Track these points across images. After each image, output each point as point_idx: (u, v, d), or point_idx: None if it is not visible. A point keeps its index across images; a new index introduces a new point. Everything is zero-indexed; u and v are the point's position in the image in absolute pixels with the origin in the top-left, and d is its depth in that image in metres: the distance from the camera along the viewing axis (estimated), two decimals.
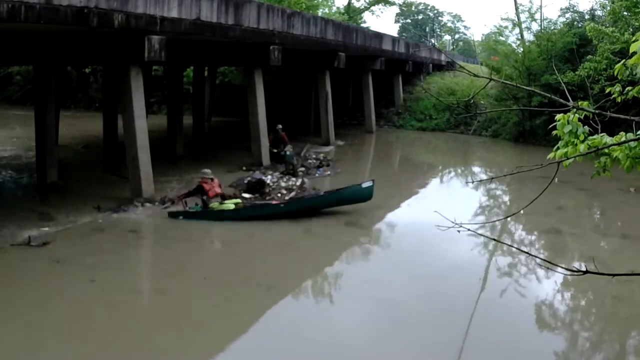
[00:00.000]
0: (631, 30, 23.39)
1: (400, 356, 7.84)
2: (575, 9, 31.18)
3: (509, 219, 14.00)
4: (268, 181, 17.00)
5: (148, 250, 12.78)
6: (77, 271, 10.26)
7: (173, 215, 13.52)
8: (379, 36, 30.85)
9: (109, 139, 20.52)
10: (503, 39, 35.34)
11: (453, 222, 3.78)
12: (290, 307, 9.51)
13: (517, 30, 34.59)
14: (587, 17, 30.18)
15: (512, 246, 12.30)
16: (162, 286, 10.18)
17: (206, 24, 15.76)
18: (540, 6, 47.77)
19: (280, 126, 22.48)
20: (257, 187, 16.25)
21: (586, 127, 4.19)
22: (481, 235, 9.95)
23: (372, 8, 50.44)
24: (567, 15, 31.56)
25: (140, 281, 10.96)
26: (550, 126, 4.40)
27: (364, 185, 14.21)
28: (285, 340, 8.17)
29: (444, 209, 4.44)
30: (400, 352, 7.92)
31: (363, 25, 47.59)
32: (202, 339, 8.02)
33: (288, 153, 21.31)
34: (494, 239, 5.51)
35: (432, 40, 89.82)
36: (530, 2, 38.45)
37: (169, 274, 10.51)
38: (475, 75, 4.68)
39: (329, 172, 20.10)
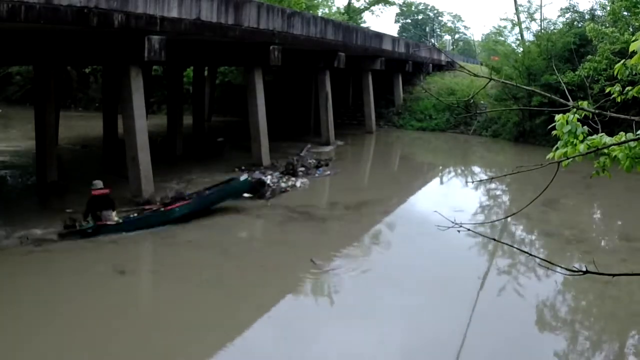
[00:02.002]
0: (631, 30, 23.40)
1: (399, 355, 7.84)
2: (575, 9, 31.21)
3: (509, 219, 13.99)
4: (268, 181, 17.00)
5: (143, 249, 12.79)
6: (76, 271, 10.27)
7: (67, 235, 12.00)
8: (379, 36, 30.85)
9: (109, 139, 20.54)
10: (503, 39, 35.36)
11: (453, 222, 3.78)
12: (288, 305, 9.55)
13: (516, 30, 34.66)
14: (587, 17, 30.19)
15: (512, 246, 12.28)
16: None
17: (206, 24, 15.76)
18: (540, 6, 47.66)
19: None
20: (257, 187, 16.25)
21: (585, 127, 4.19)
22: (481, 235, 9.95)
23: (372, 8, 50.54)
24: (567, 15, 31.59)
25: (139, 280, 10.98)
26: (550, 126, 4.40)
27: (242, 178, 14.98)
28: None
29: (444, 208, 4.44)
30: (399, 352, 7.92)
31: (363, 25, 47.61)
32: None
33: None
34: (494, 239, 5.50)
35: (432, 40, 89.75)
36: (530, 2, 38.52)
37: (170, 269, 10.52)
38: (475, 75, 4.68)
39: (328, 172, 20.11)
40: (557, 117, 4.26)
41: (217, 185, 15.03)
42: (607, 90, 4.53)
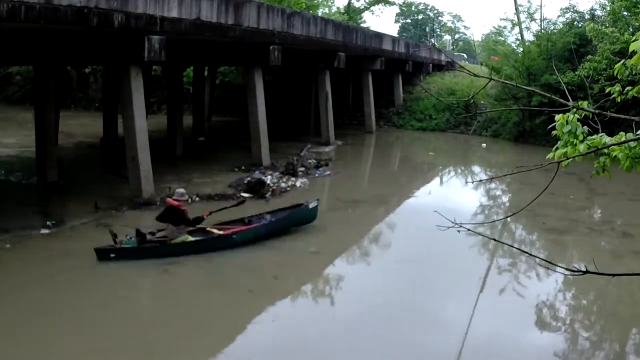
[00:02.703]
0: (631, 30, 23.41)
1: (398, 357, 7.84)
2: (575, 9, 31.23)
3: (509, 219, 13.98)
4: (268, 181, 17.01)
5: None
6: (74, 269, 10.28)
7: (102, 254, 10.53)
8: (379, 36, 30.85)
9: (109, 139, 20.56)
10: (503, 39, 35.39)
11: (453, 222, 3.78)
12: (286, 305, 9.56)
13: (516, 30, 34.69)
14: (587, 17, 30.20)
15: (512, 246, 12.29)
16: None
17: (206, 24, 15.75)
18: (540, 6, 47.78)
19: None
20: (257, 187, 16.27)
21: (585, 127, 4.19)
22: (481, 235, 9.96)
23: (372, 8, 50.53)
24: (567, 15, 31.60)
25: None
26: (550, 126, 4.40)
27: (311, 205, 12.97)
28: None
29: (444, 208, 4.44)
30: (398, 354, 7.92)
31: (363, 25, 47.61)
32: None
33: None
34: (494, 239, 5.51)
35: (432, 40, 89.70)
36: (530, 2, 38.58)
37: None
38: (475, 75, 4.69)
39: (328, 172, 20.11)
40: (557, 117, 4.26)
41: (281, 209, 13.17)
42: (607, 90, 4.54)
